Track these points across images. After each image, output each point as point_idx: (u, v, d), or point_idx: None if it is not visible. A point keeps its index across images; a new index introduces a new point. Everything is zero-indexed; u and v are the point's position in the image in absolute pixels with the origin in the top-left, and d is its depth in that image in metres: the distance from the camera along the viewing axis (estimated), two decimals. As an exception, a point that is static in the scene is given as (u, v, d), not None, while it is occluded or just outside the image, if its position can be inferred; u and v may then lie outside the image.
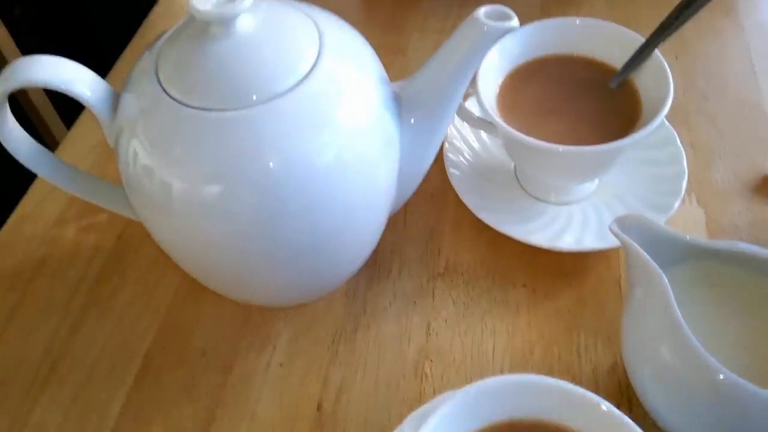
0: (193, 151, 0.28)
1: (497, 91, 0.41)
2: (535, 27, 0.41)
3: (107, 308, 0.39)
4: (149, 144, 0.29)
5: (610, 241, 0.38)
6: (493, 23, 0.30)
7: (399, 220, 0.43)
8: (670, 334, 0.29)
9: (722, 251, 0.32)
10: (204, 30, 0.29)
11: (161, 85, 0.29)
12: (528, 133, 0.36)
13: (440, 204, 0.44)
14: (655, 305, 0.30)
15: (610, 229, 0.32)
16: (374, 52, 0.34)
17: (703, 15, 0.38)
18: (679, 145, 0.43)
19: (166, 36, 0.32)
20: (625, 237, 0.31)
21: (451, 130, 0.46)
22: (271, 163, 0.28)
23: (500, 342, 0.36)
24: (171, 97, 0.29)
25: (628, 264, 0.32)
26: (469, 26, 0.31)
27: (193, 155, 0.28)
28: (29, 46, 0.60)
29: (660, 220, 0.39)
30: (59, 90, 0.29)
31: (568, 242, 0.39)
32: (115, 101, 0.31)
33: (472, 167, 0.44)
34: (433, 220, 0.43)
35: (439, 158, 0.44)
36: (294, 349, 0.36)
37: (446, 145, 0.45)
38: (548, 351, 0.36)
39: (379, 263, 0.40)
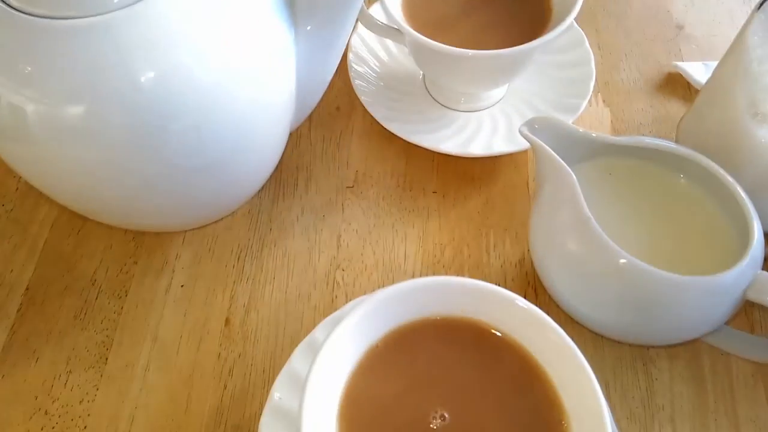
0: (45, 68, 0.26)
1: (401, -4, 0.41)
2: None
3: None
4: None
5: (520, 144, 0.40)
6: None
7: (303, 135, 0.43)
8: (577, 225, 0.31)
9: (627, 146, 0.35)
10: None
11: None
12: (436, 40, 0.37)
13: (347, 116, 0.44)
14: (563, 199, 0.32)
15: (520, 132, 0.34)
16: None
17: None
18: (588, 47, 0.45)
19: None
20: (534, 138, 0.33)
21: (356, 40, 0.46)
22: (141, 78, 0.26)
23: (411, 247, 0.38)
24: (11, 6, 0.26)
25: (538, 163, 0.34)
26: None
27: (45, 73, 0.26)
28: None
29: (568, 119, 0.41)
30: None
31: (477, 147, 0.41)
32: None
33: (380, 78, 0.45)
34: (339, 133, 0.43)
35: (344, 69, 0.45)
36: (196, 270, 0.37)
37: (351, 55, 0.45)
38: (458, 252, 0.38)
39: (284, 180, 0.41)
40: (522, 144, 0.40)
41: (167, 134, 0.28)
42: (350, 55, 0.45)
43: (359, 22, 0.45)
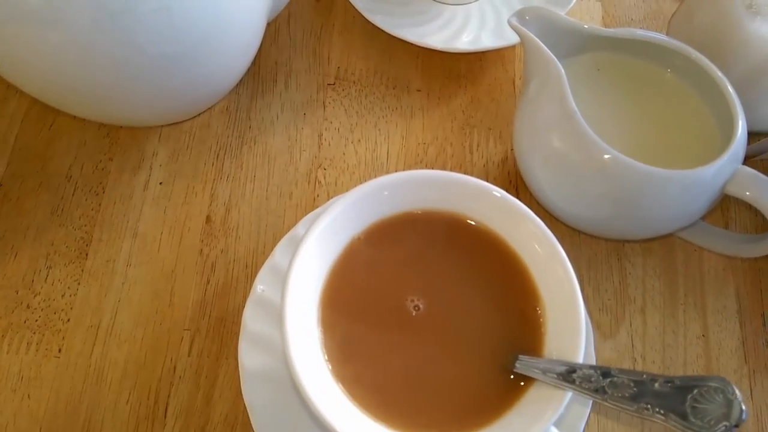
0: None
1: None
2: None
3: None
4: None
5: (508, 39, 0.39)
6: None
7: (282, 29, 0.41)
8: (562, 120, 0.31)
9: (616, 39, 0.34)
10: None
11: None
12: None
13: (327, 9, 0.42)
14: (550, 94, 0.32)
15: (509, 23, 0.33)
16: None
17: None
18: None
19: None
20: (524, 29, 0.32)
21: None
22: None
23: (394, 146, 0.38)
24: None
25: (526, 57, 0.33)
26: None
27: None
28: None
29: (559, 12, 0.40)
30: None
31: (464, 42, 0.40)
32: None
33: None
34: (319, 27, 0.42)
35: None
36: (174, 168, 0.36)
37: (332, -60, 0.43)
38: (441, 150, 0.38)
39: (263, 76, 0.40)
40: (510, 39, 0.39)
41: (135, 15, 0.27)
42: (331, -60, 0.43)
43: None
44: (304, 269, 0.26)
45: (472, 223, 0.29)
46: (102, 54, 0.28)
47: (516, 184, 0.36)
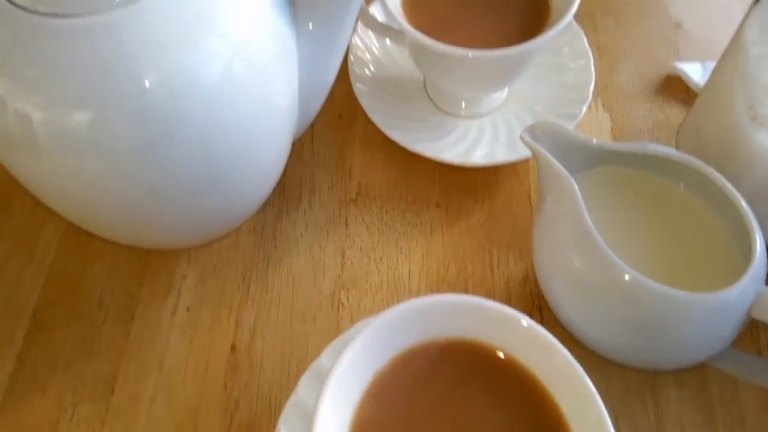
0: (48, 70, 0.26)
1: (403, -6, 0.41)
2: None
3: (-20, 267, 0.38)
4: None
5: (521, 153, 0.41)
6: None
7: (306, 145, 0.43)
8: (580, 240, 0.32)
9: (627, 153, 0.35)
10: None
11: None
12: (436, 39, 0.37)
13: (349, 125, 0.44)
14: (565, 212, 0.32)
15: (521, 138, 0.34)
16: None
17: None
18: (587, 47, 0.45)
19: None
20: (536, 145, 0.33)
21: (355, 40, 0.46)
22: (145, 80, 0.26)
23: (415, 264, 0.39)
24: (12, 3, 0.26)
25: (540, 173, 0.34)
26: None
27: (49, 75, 0.26)
28: None
29: (569, 125, 0.42)
30: None
31: (479, 157, 0.41)
32: None
33: (379, 81, 0.45)
34: (342, 142, 0.44)
35: (345, 76, 0.45)
36: (201, 291, 0.37)
37: (351, 58, 0.45)
38: (462, 268, 0.38)
39: (288, 194, 0.41)
40: (523, 153, 0.41)
41: (172, 142, 0.28)
42: (351, 58, 0.45)
43: (359, 22, 0.44)
44: (329, 414, 0.26)
45: (500, 355, 0.29)
46: (138, 179, 0.29)
47: (539, 304, 0.37)
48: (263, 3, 0.30)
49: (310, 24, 0.32)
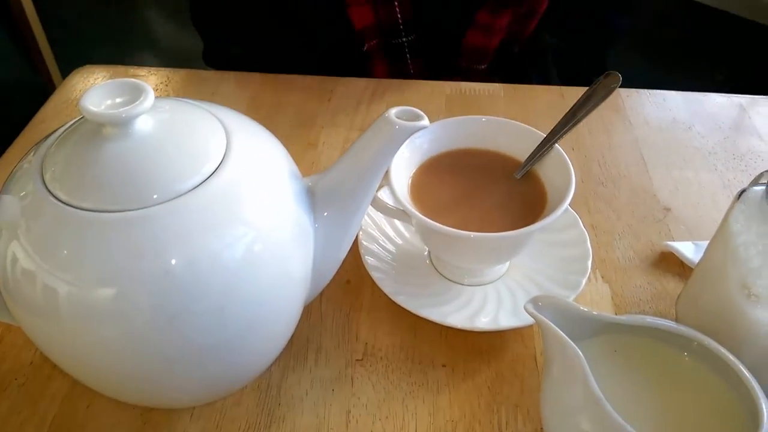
0: (84, 254, 0.28)
1: (409, 182, 0.45)
2: (443, 123, 0.47)
3: (-17, 418, 0.38)
4: (31, 247, 0.29)
5: (525, 319, 0.42)
6: (404, 123, 0.33)
7: (314, 308, 0.45)
8: (589, 407, 0.32)
9: (630, 325, 0.37)
10: (97, 130, 0.30)
11: (46, 186, 0.30)
12: (440, 221, 0.40)
13: (356, 290, 0.47)
14: (572, 380, 0.33)
15: (526, 310, 0.36)
16: (284, 149, 0.36)
17: (594, 111, 0.46)
18: (582, 227, 0.49)
19: (54, 135, 0.33)
20: (541, 316, 0.35)
21: (366, 219, 0.50)
22: (173, 263, 0.28)
23: (422, 424, 0.38)
24: (56, 198, 0.29)
25: (545, 341, 0.35)
26: (381, 125, 0.34)
27: (83, 258, 0.28)
28: None
29: (570, 297, 0.44)
30: None
31: (484, 322, 0.43)
32: None
33: (388, 253, 0.48)
34: (349, 306, 0.46)
35: (354, 245, 0.48)
36: (202, 448, 0.36)
37: (361, 233, 0.49)
38: (470, 428, 0.38)
39: (294, 353, 0.42)
40: (527, 319, 0.42)
41: (191, 314, 0.30)
42: (360, 234, 0.49)
43: (370, 205, 0.49)
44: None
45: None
46: (154, 347, 0.30)
47: (549, 467, 0.36)
48: (284, 197, 0.33)
49: (326, 212, 0.35)
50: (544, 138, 0.46)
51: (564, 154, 0.44)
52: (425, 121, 0.34)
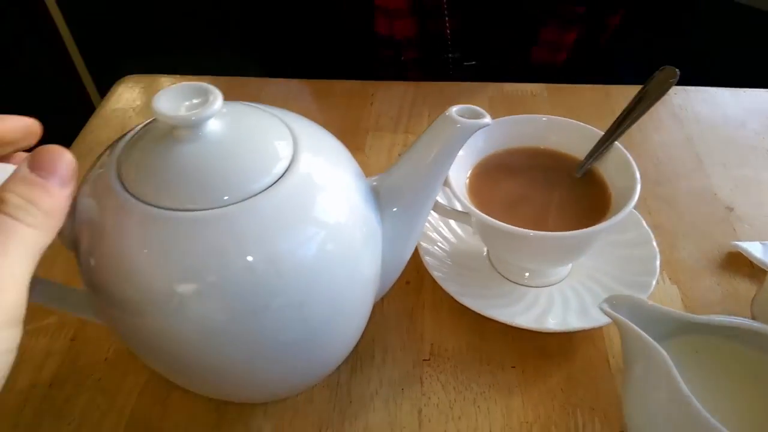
0: (165, 251, 0.29)
1: (467, 181, 0.45)
2: (499, 123, 0.47)
3: (64, 414, 0.38)
4: (116, 248, 0.30)
5: (596, 320, 0.42)
6: (466, 121, 0.33)
7: (377, 309, 0.45)
8: (678, 408, 0.31)
9: (709, 325, 0.36)
10: (170, 132, 0.31)
11: (125, 187, 0.30)
12: (499, 220, 0.40)
13: (416, 291, 0.46)
14: (657, 381, 0.32)
15: (601, 309, 0.35)
16: (347, 150, 0.37)
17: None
18: (646, 227, 0.48)
19: (127, 137, 0.33)
20: (619, 316, 0.34)
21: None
22: (250, 259, 0.29)
23: (496, 424, 0.37)
24: (137, 198, 0.30)
25: (624, 342, 0.35)
26: (443, 123, 0.34)
27: (163, 256, 0.29)
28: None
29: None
30: None
31: (553, 323, 0.42)
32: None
33: (446, 254, 0.48)
34: (411, 307, 0.45)
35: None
36: (276, 445, 0.36)
37: (419, 234, 0.48)
38: (546, 430, 0.37)
39: (361, 353, 0.42)
40: (598, 320, 0.41)
41: (271, 311, 0.30)
42: (419, 234, 0.48)
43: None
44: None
45: None
46: (233, 342, 0.31)
47: (633, 469, 0.35)
48: (353, 196, 0.34)
49: (395, 208, 0.36)
50: (603, 135, 0.45)
51: (626, 152, 0.44)
52: (487, 119, 0.34)
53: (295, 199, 0.30)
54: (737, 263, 0.48)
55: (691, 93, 0.67)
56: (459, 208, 0.49)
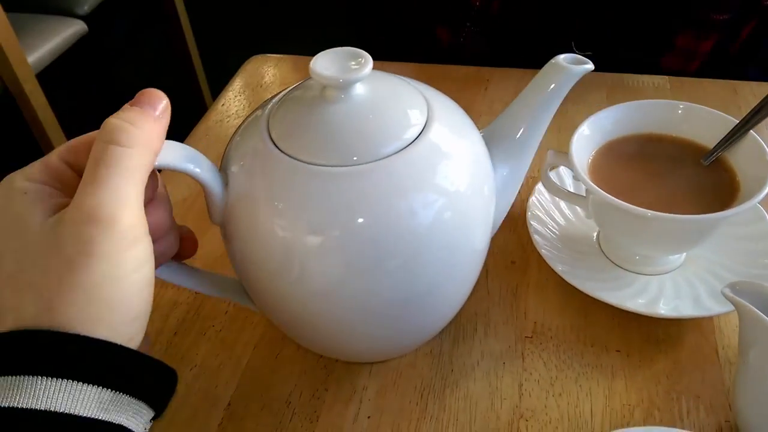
0: (295, 201, 0.32)
1: (589, 161, 0.45)
2: (627, 106, 0.46)
3: (187, 360, 0.42)
4: (255, 192, 0.32)
5: (708, 310, 0.41)
6: (572, 66, 0.37)
7: (481, 284, 0.46)
8: None
9: None
10: (320, 93, 0.34)
11: (271, 138, 0.33)
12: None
13: (522, 270, 0.47)
14: None
15: (723, 294, 0.35)
16: (473, 122, 0.38)
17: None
18: (768, 219, 0.46)
19: (278, 96, 0.36)
20: (741, 300, 0.34)
21: (534, 200, 0.50)
22: (371, 219, 0.31)
23: (598, 404, 0.38)
24: (280, 150, 0.32)
25: (743, 328, 0.34)
26: (550, 70, 0.37)
27: (296, 206, 0.32)
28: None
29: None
30: (182, 171, 0.31)
31: (665, 309, 0.42)
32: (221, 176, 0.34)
33: (555, 236, 0.48)
34: (515, 284, 0.46)
35: (517, 227, 0.49)
36: (381, 403, 0.39)
37: (528, 213, 0.49)
38: (649, 415, 0.37)
39: (463, 324, 0.43)
40: (710, 309, 0.41)
41: (379, 271, 0.32)
42: (528, 214, 0.49)
43: (540, 184, 0.50)
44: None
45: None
46: (343, 301, 0.33)
47: (739, 459, 0.35)
48: (476, 166, 0.35)
49: (501, 160, 0.38)
50: (737, 124, 0.44)
51: (761, 141, 0.42)
52: (590, 65, 0.37)
53: (422, 164, 0.32)
54: None
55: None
56: (572, 190, 0.50)
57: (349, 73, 0.32)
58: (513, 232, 0.50)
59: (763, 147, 0.42)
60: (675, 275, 0.45)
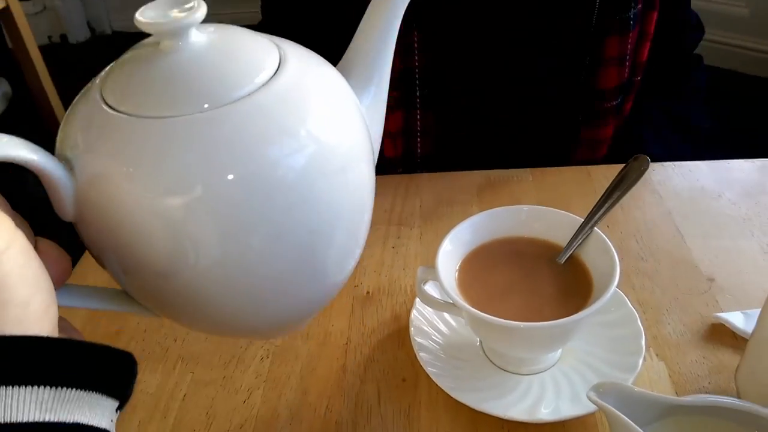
0: (143, 162, 0.29)
1: (456, 275, 0.48)
2: (483, 216, 0.50)
3: None
4: (100, 163, 0.29)
5: (587, 407, 0.43)
6: None
7: (374, 411, 0.46)
8: None
9: (698, 406, 0.37)
10: (156, 49, 0.31)
11: (104, 100, 0.30)
12: (490, 312, 0.42)
13: (413, 387, 0.48)
14: None
15: (589, 398, 0.36)
16: (334, 68, 0.36)
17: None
18: (631, 306, 0.50)
19: (107, 69, 0.33)
20: (605, 404, 0.36)
21: (414, 314, 0.52)
22: (239, 169, 0.28)
23: None
24: (115, 110, 0.29)
25: (612, 429, 0.36)
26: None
27: (144, 167, 0.29)
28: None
29: (628, 379, 0.44)
30: (13, 161, 0.27)
31: (545, 413, 0.43)
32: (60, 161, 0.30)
33: (440, 347, 0.50)
34: (407, 405, 0.47)
35: (406, 341, 0.50)
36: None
37: (412, 329, 0.50)
38: None
39: (360, 456, 0.43)
40: (589, 406, 0.43)
41: (263, 226, 0.29)
42: (412, 329, 0.50)
43: (417, 299, 0.51)
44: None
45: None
46: (228, 266, 0.30)
47: None
48: (341, 85, 0.34)
49: (364, 90, 0.37)
50: (583, 222, 0.48)
51: (605, 238, 0.46)
52: None
53: (279, 106, 0.30)
54: (721, 335, 0.50)
55: (668, 168, 0.70)
56: (450, 300, 0.52)
57: (179, 19, 0.30)
58: (401, 348, 0.51)
59: (607, 243, 0.46)
60: (554, 371, 0.48)
